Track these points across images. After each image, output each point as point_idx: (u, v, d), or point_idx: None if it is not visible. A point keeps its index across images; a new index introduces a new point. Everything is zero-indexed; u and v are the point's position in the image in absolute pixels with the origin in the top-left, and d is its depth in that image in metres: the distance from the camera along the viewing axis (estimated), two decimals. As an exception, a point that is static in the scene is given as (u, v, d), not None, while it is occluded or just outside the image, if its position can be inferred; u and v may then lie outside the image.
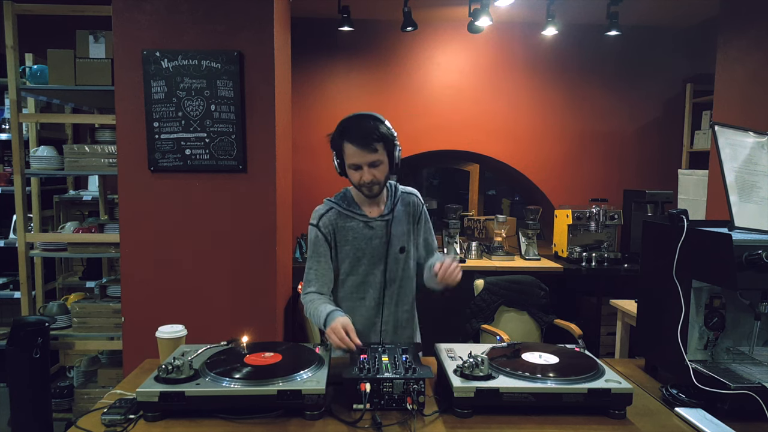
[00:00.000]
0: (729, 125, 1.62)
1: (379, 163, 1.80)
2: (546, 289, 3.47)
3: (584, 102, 4.64)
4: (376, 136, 1.76)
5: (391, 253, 1.91)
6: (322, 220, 1.91)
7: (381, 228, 1.91)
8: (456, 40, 4.55)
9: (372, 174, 1.79)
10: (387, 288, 1.93)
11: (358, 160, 1.78)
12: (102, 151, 2.97)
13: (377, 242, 1.90)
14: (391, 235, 1.91)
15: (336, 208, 1.92)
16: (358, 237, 1.89)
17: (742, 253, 1.37)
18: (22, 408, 2.72)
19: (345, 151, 1.80)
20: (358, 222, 1.90)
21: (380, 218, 1.91)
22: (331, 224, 1.90)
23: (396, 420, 1.39)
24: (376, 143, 1.77)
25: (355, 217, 1.90)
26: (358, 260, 1.90)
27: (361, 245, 1.89)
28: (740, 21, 3.34)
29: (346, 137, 1.78)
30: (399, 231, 1.93)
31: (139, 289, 2.72)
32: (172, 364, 1.39)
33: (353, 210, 1.91)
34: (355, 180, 1.83)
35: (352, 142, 1.76)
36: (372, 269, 1.91)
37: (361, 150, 1.76)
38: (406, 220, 1.96)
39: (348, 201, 1.93)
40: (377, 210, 1.93)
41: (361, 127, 1.77)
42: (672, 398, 1.51)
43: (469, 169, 5.32)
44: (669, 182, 4.42)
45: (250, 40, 2.64)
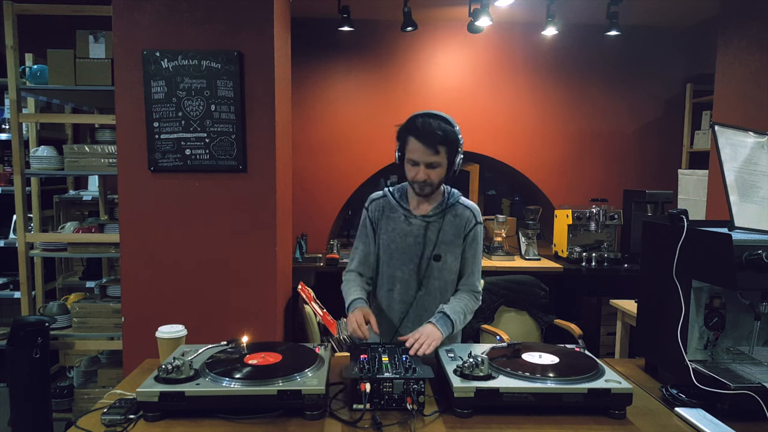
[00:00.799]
0: (729, 125, 1.62)
1: (437, 165, 1.79)
2: (546, 289, 3.47)
3: (584, 102, 4.64)
4: (440, 138, 1.76)
5: (424, 256, 1.89)
6: (372, 204, 1.97)
7: (419, 228, 1.89)
8: (456, 40, 4.55)
9: (427, 174, 1.79)
10: (419, 292, 1.92)
11: (418, 157, 1.78)
12: (102, 151, 2.97)
13: (411, 240, 1.89)
14: (427, 238, 1.88)
15: (388, 197, 1.95)
16: (395, 229, 1.91)
17: (742, 253, 1.37)
18: (22, 408, 2.72)
19: (408, 144, 1.80)
20: (400, 215, 1.91)
21: (422, 218, 1.90)
22: (378, 211, 1.95)
23: (396, 420, 1.39)
24: (440, 145, 1.76)
25: (399, 209, 1.92)
26: (390, 252, 1.91)
27: (396, 238, 1.90)
28: (740, 21, 3.34)
29: (412, 131, 1.78)
30: (438, 238, 1.88)
31: (139, 289, 2.72)
32: (172, 364, 1.39)
33: (401, 203, 1.92)
34: (410, 175, 1.83)
35: (416, 138, 1.76)
36: (401, 265, 1.91)
37: (423, 147, 1.76)
38: (451, 231, 1.90)
39: (401, 193, 1.95)
40: (423, 209, 1.91)
41: (429, 125, 1.77)
42: (672, 398, 1.51)
43: (469, 169, 5.32)
44: (669, 182, 4.42)
45: (250, 40, 2.64)
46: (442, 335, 1.73)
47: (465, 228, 1.92)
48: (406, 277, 1.91)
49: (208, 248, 2.72)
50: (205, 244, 2.71)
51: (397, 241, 1.90)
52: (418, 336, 1.69)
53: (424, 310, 1.92)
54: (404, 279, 1.91)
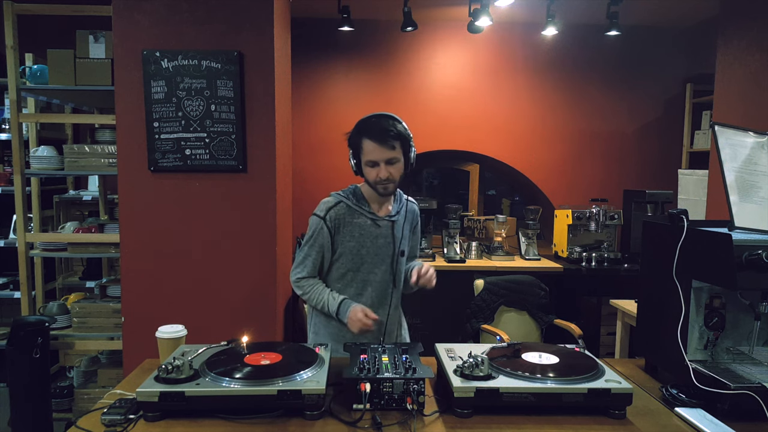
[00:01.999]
0: (729, 125, 1.62)
1: (396, 161, 1.85)
2: (546, 289, 3.47)
3: (584, 102, 4.64)
4: (394, 134, 1.82)
5: (395, 254, 1.95)
6: (330, 213, 1.93)
7: (387, 228, 1.94)
8: (456, 40, 4.55)
9: (388, 171, 1.83)
10: (392, 288, 1.97)
11: (377, 156, 1.82)
12: (102, 151, 2.97)
13: (382, 242, 1.93)
14: (395, 237, 1.94)
15: (345, 203, 1.94)
16: (364, 234, 1.91)
17: (742, 253, 1.37)
18: (22, 408, 2.72)
19: (363, 147, 1.84)
20: (365, 219, 1.93)
21: (387, 218, 1.95)
22: (337, 218, 1.92)
23: (396, 420, 1.39)
24: (394, 141, 1.82)
25: (364, 214, 1.93)
26: (360, 257, 1.92)
27: (366, 243, 1.92)
28: (740, 21, 3.34)
29: (365, 134, 1.83)
30: (401, 234, 1.97)
31: (139, 289, 2.72)
32: (172, 364, 1.39)
33: (362, 207, 1.93)
34: (372, 177, 1.86)
35: (371, 139, 1.82)
36: (374, 268, 1.94)
37: (379, 146, 1.81)
38: (407, 226, 2.01)
39: (358, 197, 1.96)
40: (385, 210, 1.96)
41: (380, 124, 1.83)
42: (672, 398, 1.51)
43: (469, 169, 5.32)
44: (669, 182, 4.42)
45: (250, 40, 2.64)
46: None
47: (414, 220, 2.07)
48: (379, 279, 1.95)
49: (208, 248, 2.72)
50: (205, 244, 2.71)
51: (367, 245, 1.92)
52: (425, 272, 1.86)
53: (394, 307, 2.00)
54: (377, 281, 1.95)
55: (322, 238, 1.93)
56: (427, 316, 4.01)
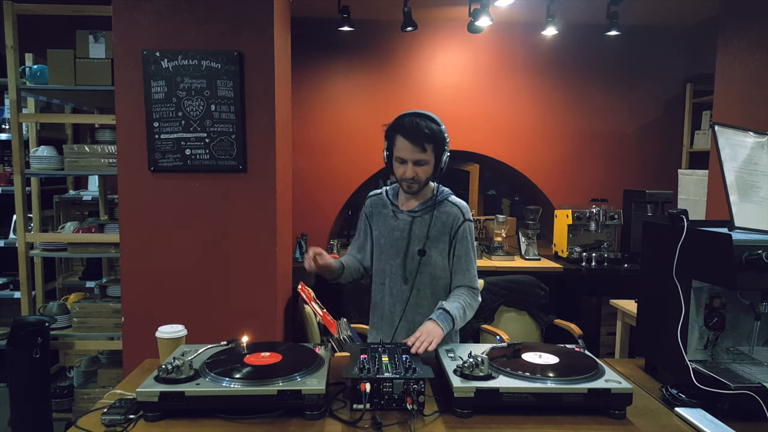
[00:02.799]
0: (729, 125, 1.62)
1: (425, 163, 1.83)
2: (546, 289, 3.47)
3: (584, 102, 4.64)
4: (428, 136, 1.79)
5: (409, 251, 1.93)
6: (369, 200, 2.07)
7: (405, 222, 1.94)
8: (456, 40, 4.55)
9: (415, 171, 1.83)
10: (401, 284, 1.96)
11: (406, 155, 1.81)
12: (102, 151, 2.97)
13: (397, 234, 1.94)
14: (412, 233, 1.92)
15: (383, 195, 2.04)
16: (384, 225, 1.98)
17: (742, 253, 1.37)
18: (22, 408, 2.72)
19: (396, 143, 1.84)
20: (389, 210, 1.98)
21: (408, 213, 1.94)
22: (372, 206, 2.04)
23: (396, 420, 1.39)
24: (426, 143, 1.80)
25: (389, 206, 1.98)
26: (380, 247, 1.99)
27: (385, 233, 1.97)
28: (740, 21, 3.34)
29: (399, 130, 1.82)
30: (422, 233, 1.90)
31: (139, 289, 2.72)
32: (172, 364, 1.39)
33: (392, 200, 2.00)
34: (398, 173, 1.87)
35: (404, 136, 1.81)
36: (389, 259, 1.96)
37: (411, 145, 1.80)
38: (437, 228, 1.91)
39: (395, 191, 2.02)
40: (409, 205, 1.96)
41: (417, 123, 1.81)
42: (672, 398, 1.51)
43: (469, 169, 5.32)
44: (669, 182, 4.42)
45: (250, 40, 2.64)
46: (442, 331, 1.74)
47: (453, 225, 1.92)
48: (394, 271, 1.96)
49: (208, 248, 2.72)
50: (205, 244, 2.71)
51: (385, 236, 1.97)
52: (419, 334, 1.70)
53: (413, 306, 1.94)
54: (392, 273, 1.97)
55: (362, 222, 2.08)
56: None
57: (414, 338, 1.70)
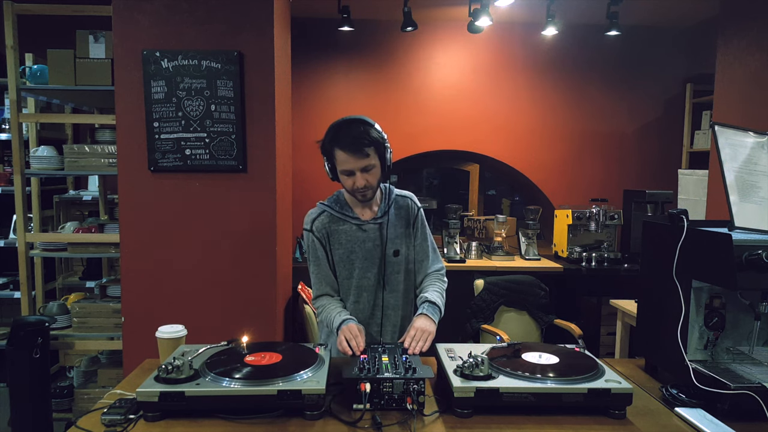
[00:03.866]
0: (729, 125, 1.62)
1: (372, 168, 1.78)
2: (546, 289, 3.47)
3: (584, 102, 4.64)
4: (366, 141, 1.74)
5: (385, 256, 1.90)
6: (315, 224, 1.91)
7: (374, 231, 1.90)
8: (456, 40, 4.55)
9: (365, 179, 1.77)
10: (384, 292, 1.92)
11: (351, 166, 1.75)
12: (102, 151, 2.97)
13: (370, 245, 1.89)
14: (383, 237, 1.89)
15: (328, 212, 1.91)
16: (350, 240, 1.88)
17: (742, 253, 1.37)
18: (22, 408, 2.72)
19: (336, 157, 1.77)
20: (350, 225, 1.89)
21: (373, 221, 1.90)
22: (324, 228, 1.90)
23: (396, 420, 1.39)
24: (367, 148, 1.74)
25: (348, 220, 1.89)
26: (351, 263, 1.90)
27: (354, 248, 1.89)
28: (740, 21, 3.34)
29: (336, 143, 1.75)
30: (393, 234, 1.91)
31: (139, 289, 2.72)
32: (172, 364, 1.39)
33: (345, 213, 1.90)
34: (348, 186, 1.81)
35: (343, 149, 1.74)
36: (365, 273, 1.90)
37: (352, 156, 1.74)
38: (400, 224, 1.94)
39: (341, 204, 1.92)
40: (370, 213, 1.92)
41: (351, 132, 1.74)
42: (672, 398, 1.51)
43: (469, 169, 5.32)
44: (669, 182, 4.42)
45: (250, 40, 2.64)
46: (434, 323, 1.77)
47: (410, 216, 1.96)
48: (372, 283, 1.91)
49: (208, 248, 2.72)
50: (205, 244, 2.71)
51: (355, 250, 1.89)
52: (414, 333, 1.71)
53: (392, 308, 1.94)
54: (369, 285, 1.91)
55: (316, 250, 1.91)
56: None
57: (409, 338, 1.70)
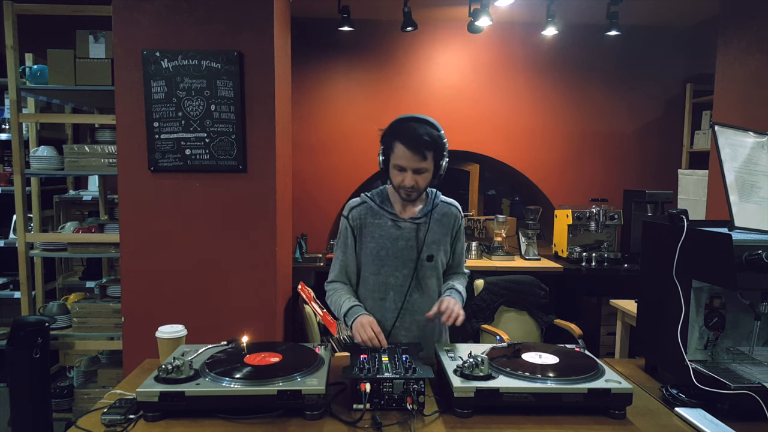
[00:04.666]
0: (729, 125, 1.62)
1: (425, 171, 1.76)
2: (546, 289, 3.47)
3: (584, 102, 4.64)
4: (429, 144, 1.72)
5: (419, 259, 1.86)
6: (353, 212, 1.89)
7: (410, 231, 1.86)
8: (456, 40, 4.55)
9: (414, 180, 1.75)
10: (411, 294, 1.88)
11: (406, 163, 1.73)
12: (102, 151, 2.97)
13: (402, 244, 1.86)
14: (419, 240, 1.86)
15: (369, 203, 1.90)
16: (383, 235, 1.86)
17: (742, 253, 1.37)
18: (22, 408, 2.72)
19: (394, 150, 1.75)
20: (386, 220, 1.87)
21: (411, 220, 1.87)
22: (360, 218, 1.88)
23: (396, 420, 1.39)
24: (427, 151, 1.72)
25: (385, 214, 1.87)
26: (380, 259, 1.86)
27: (386, 244, 1.86)
28: (740, 21, 3.34)
29: (399, 137, 1.73)
30: (430, 239, 1.87)
31: (139, 289, 2.72)
32: (172, 364, 1.39)
33: (385, 207, 1.88)
34: (397, 181, 1.79)
35: (403, 143, 1.72)
36: (394, 271, 1.87)
37: (411, 153, 1.72)
38: (440, 230, 1.90)
39: (383, 198, 1.90)
40: (410, 212, 1.89)
41: (417, 130, 1.72)
42: (672, 398, 1.51)
43: (469, 169, 5.33)
44: (669, 182, 4.42)
45: (250, 40, 2.64)
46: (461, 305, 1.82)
47: (453, 225, 1.94)
48: (400, 282, 1.87)
49: (208, 248, 2.72)
50: (205, 244, 2.71)
51: (387, 246, 1.85)
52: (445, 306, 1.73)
53: (421, 312, 1.88)
54: (398, 284, 1.87)
55: (346, 238, 1.90)
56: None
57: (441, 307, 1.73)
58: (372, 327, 1.69)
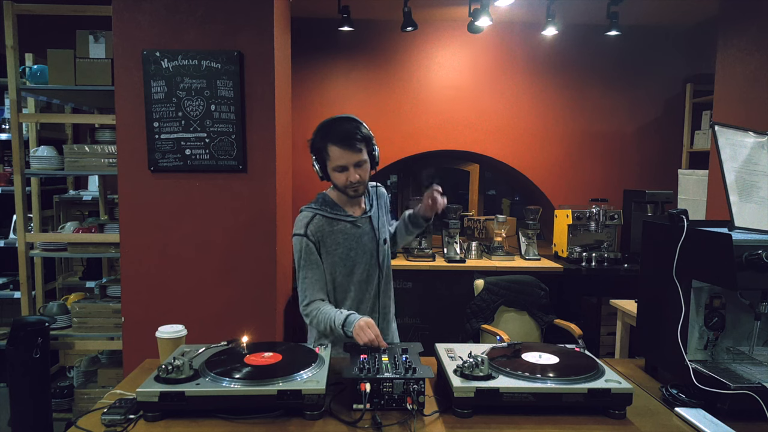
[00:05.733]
0: (729, 125, 1.62)
1: (363, 163, 1.86)
2: (546, 289, 3.47)
3: (584, 102, 4.63)
4: (359, 137, 1.82)
5: (378, 246, 1.97)
6: (309, 228, 1.88)
7: (367, 224, 1.96)
8: (456, 40, 4.55)
9: (358, 174, 1.84)
10: (383, 282, 2.00)
11: (345, 161, 1.82)
12: (102, 151, 2.97)
13: (366, 239, 1.95)
14: (375, 229, 1.97)
15: (321, 214, 1.91)
16: (348, 238, 1.91)
17: (742, 253, 1.37)
18: (22, 408, 2.72)
19: (330, 153, 1.83)
20: (345, 224, 1.92)
21: (364, 216, 1.97)
22: (318, 231, 1.88)
23: (396, 420, 1.39)
24: (359, 144, 1.82)
25: (342, 219, 1.92)
26: (351, 260, 1.91)
27: (353, 245, 1.92)
28: (740, 21, 3.34)
29: (330, 139, 1.82)
30: (381, 224, 2.00)
31: (139, 289, 2.72)
32: (172, 364, 1.39)
33: (338, 213, 1.92)
34: (341, 182, 1.85)
35: (337, 144, 1.81)
36: (366, 268, 1.95)
37: (347, 151, 1.81)
38: (383, 212, 2.04)
39: (330, 204, 1.93)
40: (359, 209, 1.98)
41: (344, 128, 1.82)
42: (672, 398, 1.51)
43: (469, 169, 5.32)
44: (669, 182, 4.42)
45: (250, 40, 2.64)
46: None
47: (386, 203, 2.09)
48: (372, 274, 1.96)
49: (208, 248, 2.72)
50: (205, 244, 2.72)
51: (355, 247, 1.91)
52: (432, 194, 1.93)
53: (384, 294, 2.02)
54: (372, 278, 1.96)
55: (310, 254, 1.87)
56: (427, 316, 4.01)
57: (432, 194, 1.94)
58: (372, 329, 1.70)
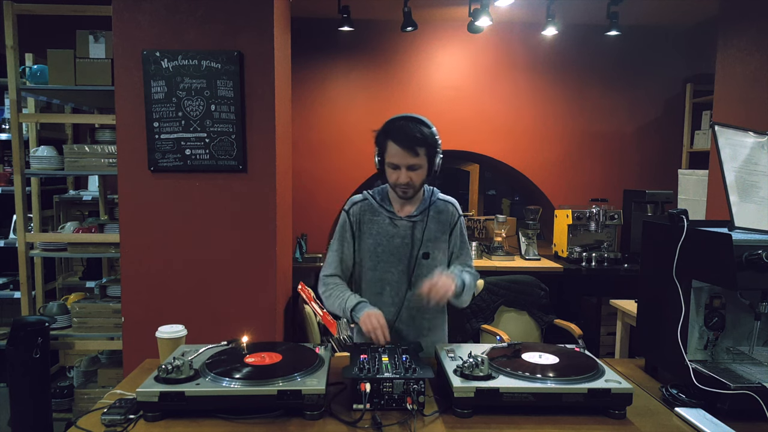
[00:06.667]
0: (729, 125, 1.62)
1: (418, 168, 1.80)
2: (546, 289, 3.47)
3: (584, 102, 4.64)
4: (420, 140, 1.77)
5: (413, 256, 1.90)
6: (353, 208, 1.95)
7: (405, 228, 1.90)
8: (456, 40, 4.55)
9: (409, 177, 1.80)
10: (409, 291, 1.92)
11: (399, 160, 1.79)
12: (102, 151, 2.97)
13: (398, 242, 1.90)
14: (415, 238, 1.90)
15: (369, 200, 1.95)
16: (380, 232, 1.91)
17: (742, 253, 1.37)
18: (22, 408, 2.72)
19: (387, 149, 1.80)
20: (384, 217, 1.91)
21: (407, 218, 1.91)
22: (359, 214, 1.93)
23: (396, 420, 1.39)
24: (419, 147, 1.77)
25: (383, 212, 1.92)
26: (377, 256, 1.91)
27: (382, 241, 1.90)
28: (740, 21, 3.34)
29: (390, 136, 1.79)
30: (425, 236, 1.90)
31: (139, 289, 2.72)
32: (172, 364, 1.39)
33: (384, 205, 1.93)
34: (392, 179, 1.84)
35: (395, 142, 1.77)
36: (390, 267, 1.91)
37: (403, 151, 1.77)
38: (437, 228, 1.93)
39: (382, 195, 1.95)
40: (407, 210, 1.93)
41: (407, 128, 1.78)
42: (672, 398, 1.51)
43: (469, 169, 5.33)
44: (669, 182, 4.42)
45: (250, 40, 2.64)
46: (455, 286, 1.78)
47: (450, 222, 1.96)
48: (396, 279, 1.91)
49: (208, 248, 2.72)
50: (205, 244, 2.71)
51: (383, 243, 1.90)
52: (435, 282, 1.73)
53: (417, 309, 1.93)
54: (394, 281, 1.92)
55: (345, 231, 1.94)
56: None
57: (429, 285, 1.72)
58: (378, 319, 1.73)
